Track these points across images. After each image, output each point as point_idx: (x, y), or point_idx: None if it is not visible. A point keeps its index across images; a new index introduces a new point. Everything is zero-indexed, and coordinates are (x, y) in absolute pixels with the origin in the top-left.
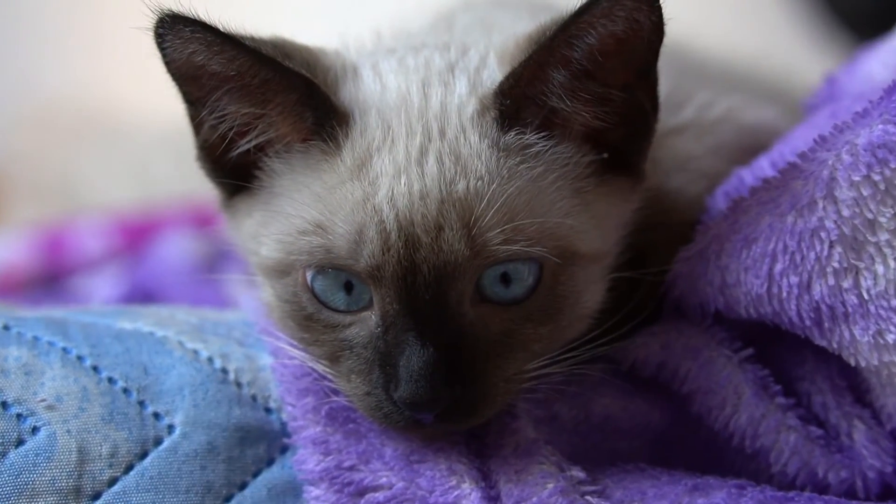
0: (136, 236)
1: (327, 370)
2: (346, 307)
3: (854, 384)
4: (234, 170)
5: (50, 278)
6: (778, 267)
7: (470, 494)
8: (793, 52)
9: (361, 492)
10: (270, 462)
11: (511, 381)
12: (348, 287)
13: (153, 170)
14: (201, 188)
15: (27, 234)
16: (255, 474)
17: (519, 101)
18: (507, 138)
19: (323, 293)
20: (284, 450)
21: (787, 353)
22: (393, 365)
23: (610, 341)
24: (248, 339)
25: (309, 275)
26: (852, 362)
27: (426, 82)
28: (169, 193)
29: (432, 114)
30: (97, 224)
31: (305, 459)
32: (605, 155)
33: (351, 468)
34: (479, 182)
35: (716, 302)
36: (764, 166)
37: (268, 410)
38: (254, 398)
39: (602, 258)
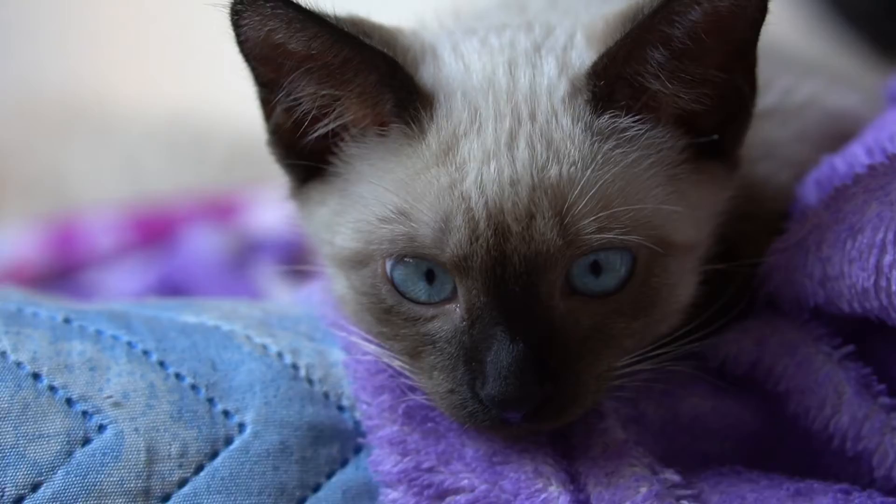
0: (151, 231)
1: (406, 367)
2: (427, 298)
3: None
4: (308, 155)
5: (62, 273)
6: (887, 258)
7: (558, 498)
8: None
9: (441, 494)
10: (344, 463)
11: (602, 379)
12: (430, 277)
13: (144, 163)
14: (196, 181)
15: (35, 228)
16: (329, 475)
17: (613, 82)
18: (600, 122)
19: (403, 284)
20: (358, 450)
21: (889, 350)
22: (480, 360)
23: (701, 337)
24: (316, 333)
25: (389, 264)
26: None
27: (512, 63)
28: (160, 187)
29: (521, 96)
30: (108, 219)
31: (382, 460)
32: (702, 139)
33: (430, 469)
34: (573, 167)
35: (815, 296)
36: (858, 153)
37: (340, 409)
38: (326, 395)
39: (696, 248)
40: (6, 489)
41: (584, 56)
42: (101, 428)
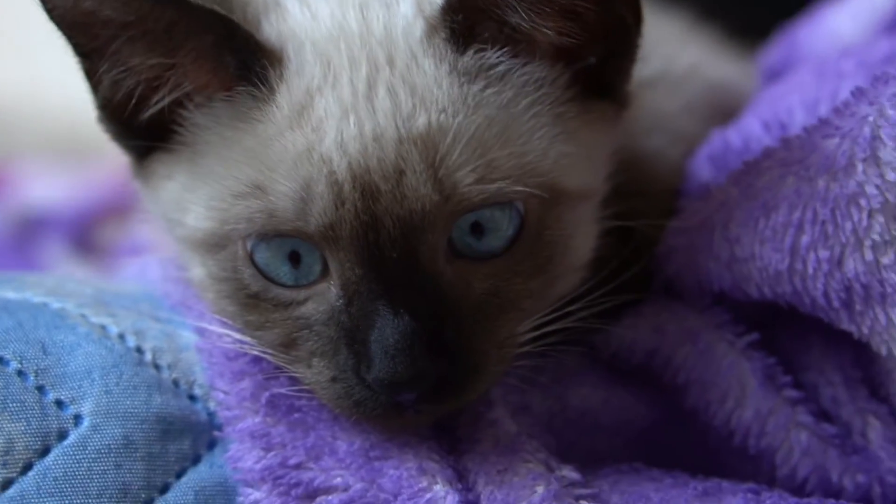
0: None
1: (280, 357)
2: (296, 281)
3: (868, 376)
4: (148, 128)
5: None
6: (804, 239)
7: (444, 498)
8: None
9: (311, 494)
10: (197, 459)
11: (504, 347)
12: (294, 258)
13: None
14: None
15: None
16: (179, 474)
17: (472, 15)
18: (465, 60)
19: (268, 266)
20: (213, 444)
21: (790, 339)
22: (362, 341)
23: (599, 311)
24: (160, 313)
25: (249, 245)
26: (883, 351)
27: (364, 6)
28: None
29: (376, 41)
30: None
31: (242, 456)
32: (583, 74)
33: (298, 466)
34: (442, 114)
35: (720, 280)
36: (754, 127)
37: (192, 398)
38: (175, 383)
39: (591, 195)
40: None
41: None
42: None
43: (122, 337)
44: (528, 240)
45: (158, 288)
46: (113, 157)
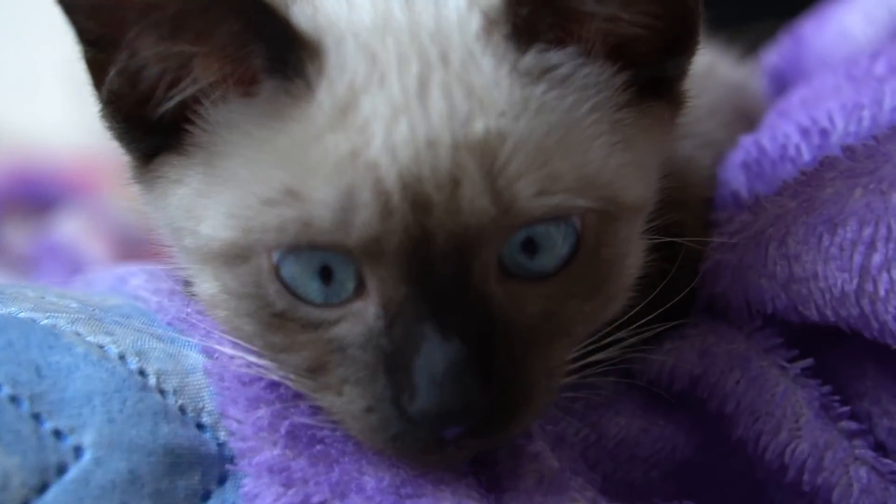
0: None
1: (305, 384)
2: (326, 299)
3: None
4: (157, 126)
5: None
6: (876, 258)
7: None
8: None
9: None
10: (207, 496)
11: (553, 376)
12: (326, 273)
13: None
14: None
15: None
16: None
17: (539, 9)
18: (526, 59)
19: (297, 281)
20: (224, 479)
21: (843, 365)
22: (405, 368)
23: (642, 332)
24: (157, 330)
25: (276, 258)
26: None
27: None
28: None
29: (427, 35)
30: None
31: (259, 493)
32: (645, 71)
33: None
34: (502, 119)
35: (775, 300)
36: (790, 133)
37: (201, 427)
38: (182, 410)
39: (645, 208)
40: None
41: None
42: None
43: (122, 358)
44: (584, 258)
45: (150, 302)
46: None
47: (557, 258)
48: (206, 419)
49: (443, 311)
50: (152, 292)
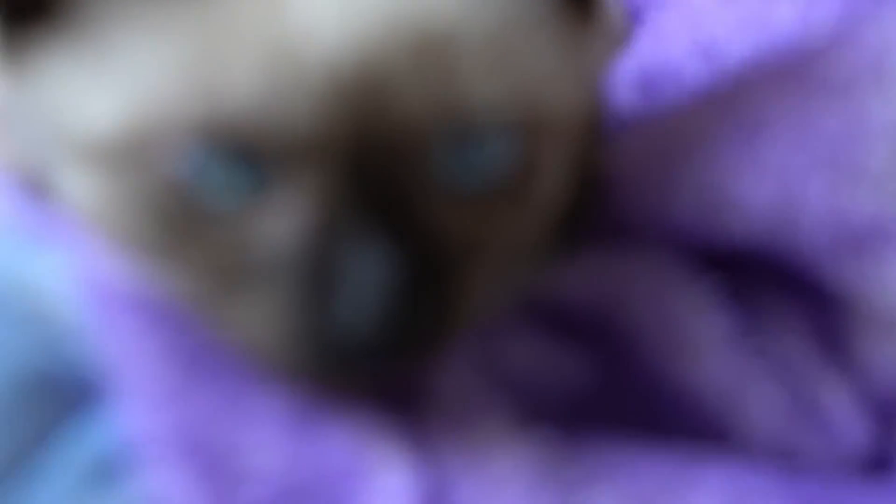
0: None
1: (204, 299)
2: (240, 198)
3: (823, 332)
4: None
5: None
6: (800, 165)
7: (397, 483)
8: None
9: (231, 474)
10: (71, 422)
11: (474, 301)
12: (243, 168)
13: None
14: None
15: None
16: (48, 441)
17: None
18: None
19: (207, 178)
20: (92, 406)
21: (746, 286)
22: (330, 278)
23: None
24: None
25: (184, 152)
26: (861, 304)
27: None
28: None
29: None
30: None
31: (144, 420)
32: None
33: (216, 438)
34: (460, 9)
35: (682, 214)
36: (680, 52)
37: (63, 343)
38: (41, 323)
39: (575, 128)
40: None
41: None
42: None
43: None
44: (521, 177)
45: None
46: None
47: (495, 173)
48: (80, 343)
49: (377, 217)
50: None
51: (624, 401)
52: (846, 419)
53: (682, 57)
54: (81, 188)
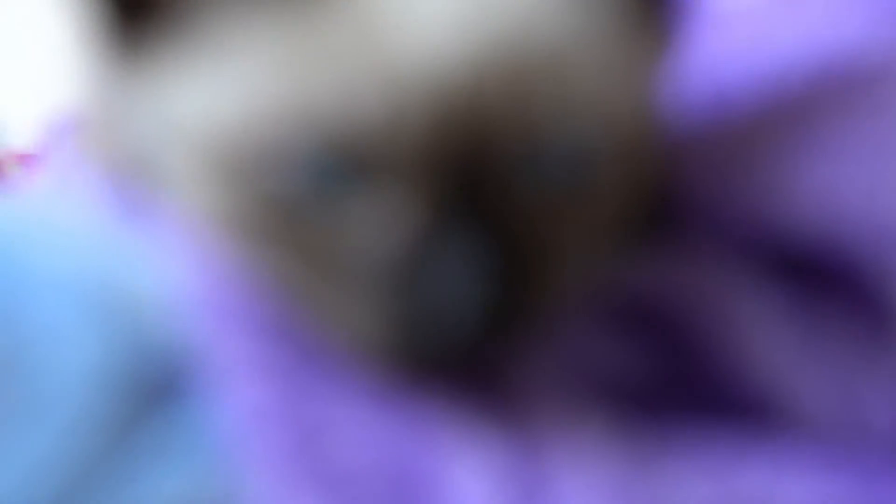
0: None
1: (305, 293)
2: (346, 200)
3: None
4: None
5: None
6: (875, 171)
7: (486, 472)
8: None
9: (326, 453)
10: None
11: (559, 295)
12: (350, 172)
13: None
14: None
15: None
16: (140, 436)
17: None
18: None
19: (311, 181)
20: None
21: (802, 284)
22: (435, 272)
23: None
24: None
25: (297, 158)
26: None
27: None
28: None
29: None
30: None
31: (239, 400)
32: None
33: (309, 412)
34: (564, 31)
35: (749, 213)
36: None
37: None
38: (149, 335)
39: (641, 129)
40: None
41: None
42: None
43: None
44: (597, 178)
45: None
46: None
47: (573, 177)
48: (183, 345)
49: (469, 222)
50: (106, 203)
51: (687, 394)
52: (890, 417)
53: (742, 65)
54: (208, 198)
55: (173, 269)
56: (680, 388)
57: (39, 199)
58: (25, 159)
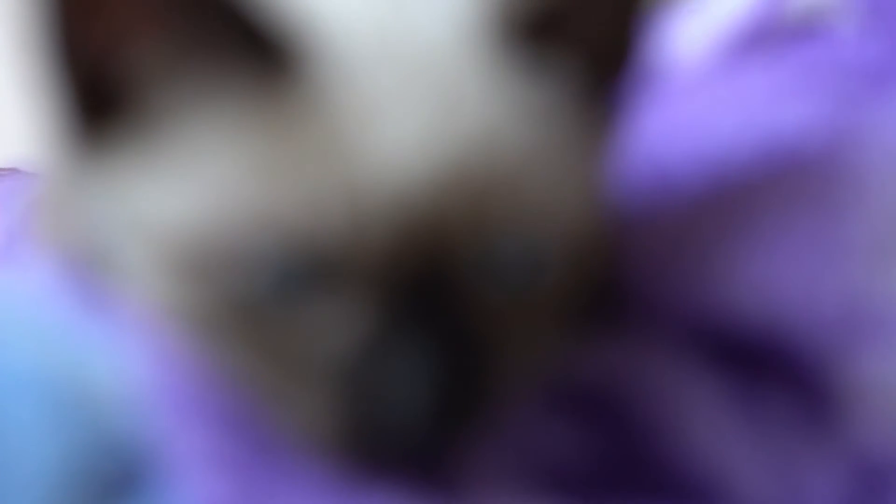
0: None
1: (264, 389)
2: (303, 301)
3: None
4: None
5: None
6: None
7: None
8: None
9: None
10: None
11: (510, 381)
12: (309, 274)
13: None
14: None
15: None
16: None
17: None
18: (529, 63)
19: (274, 282)
20: (146, 489)
21: (747, 367)
22: (385, 378)
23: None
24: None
25: (253, 255)
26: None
27: None
28: None
29: (405, 29)
30: None
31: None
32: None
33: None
34: (511, 134)
35: (693, 300)
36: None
37: (135, 445)
38: (97, 407)
39: (594, 219)
40: None
41: None
42: None
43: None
44: (548, 273)
45: (61, 306)
46: None
47: (526, 275)
48: (132, 428)
49: (421, 329)
50: (63, 295)
51: (629, 478)
52: (829, 496)
53: (683, 149)
54: (164, 293)
55: (132, 362)
56: (625, 473)
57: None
58: None
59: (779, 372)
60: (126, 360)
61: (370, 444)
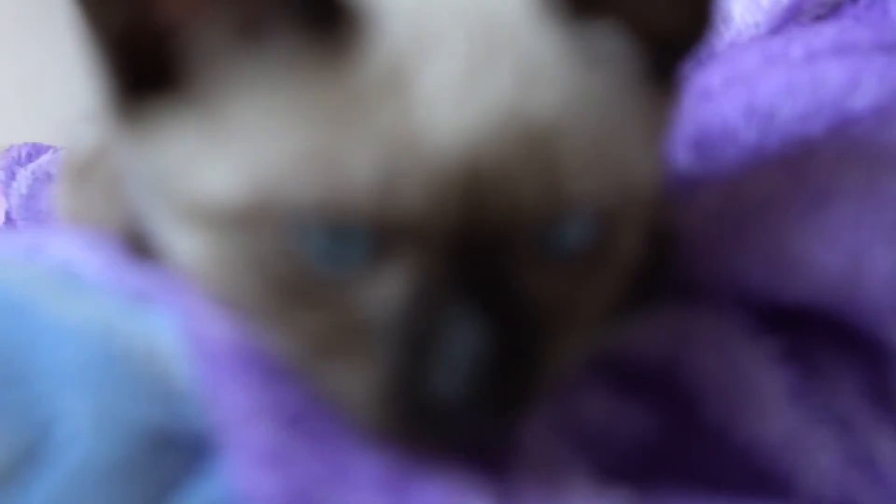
0: None
1: (306, 360)
2: (348, 269)
3: (877, 384)
4: (147, 65)
5: None
6: (866, 237)
7: None
8: None
9: None
10: (189, 477)
11: (561, 362)
12: (352, 241)
13: None
14: None
15: None
16: (171, 495)
17: None
18: (584, 35)
19: (316, 248)
20: (209, 461)
21: (810, 346)
22: (428, 349)
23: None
24: (118, 299)
25: (296, 221)
26: None
27: None
28: None
29: (482, 8)
30: None
31: (255, 478)
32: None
33: (322, 491)
34: (562, 105)
35: (749, 276)
36: (732, 114)
37: (182, 404)
38: (158, 382)
39: (653, 193)
40: None
41: None
42: None
43: (89, 325)
44: (606, 245)
45: (93, 269)
46: None
47: (583, 245)
48: (187, 395)
49: (477, 295)
50: (93, 257)
51: (689, 454)
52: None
53: (736, 118)
54: (193, 250)
55: (177, 318)
56: (682, 450)
57: (48, 248)
58: None
59: (839, 336)
60: (172, 315)
61: (418, 418)
